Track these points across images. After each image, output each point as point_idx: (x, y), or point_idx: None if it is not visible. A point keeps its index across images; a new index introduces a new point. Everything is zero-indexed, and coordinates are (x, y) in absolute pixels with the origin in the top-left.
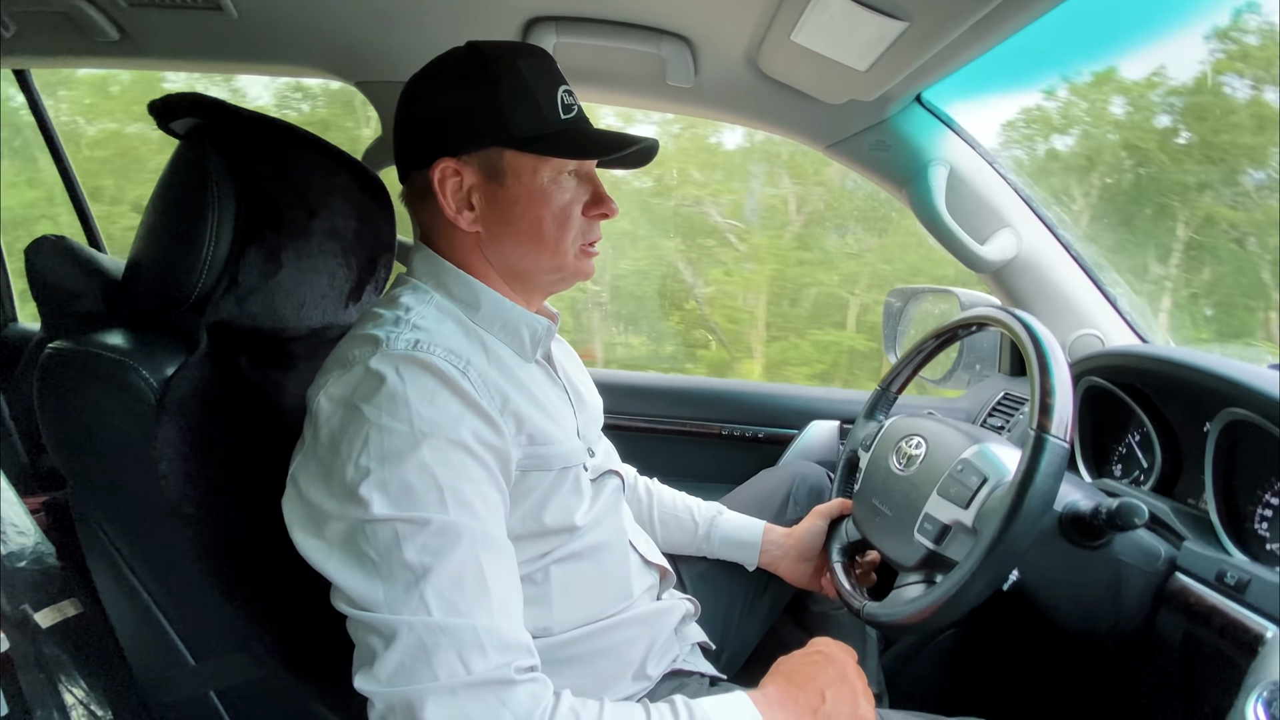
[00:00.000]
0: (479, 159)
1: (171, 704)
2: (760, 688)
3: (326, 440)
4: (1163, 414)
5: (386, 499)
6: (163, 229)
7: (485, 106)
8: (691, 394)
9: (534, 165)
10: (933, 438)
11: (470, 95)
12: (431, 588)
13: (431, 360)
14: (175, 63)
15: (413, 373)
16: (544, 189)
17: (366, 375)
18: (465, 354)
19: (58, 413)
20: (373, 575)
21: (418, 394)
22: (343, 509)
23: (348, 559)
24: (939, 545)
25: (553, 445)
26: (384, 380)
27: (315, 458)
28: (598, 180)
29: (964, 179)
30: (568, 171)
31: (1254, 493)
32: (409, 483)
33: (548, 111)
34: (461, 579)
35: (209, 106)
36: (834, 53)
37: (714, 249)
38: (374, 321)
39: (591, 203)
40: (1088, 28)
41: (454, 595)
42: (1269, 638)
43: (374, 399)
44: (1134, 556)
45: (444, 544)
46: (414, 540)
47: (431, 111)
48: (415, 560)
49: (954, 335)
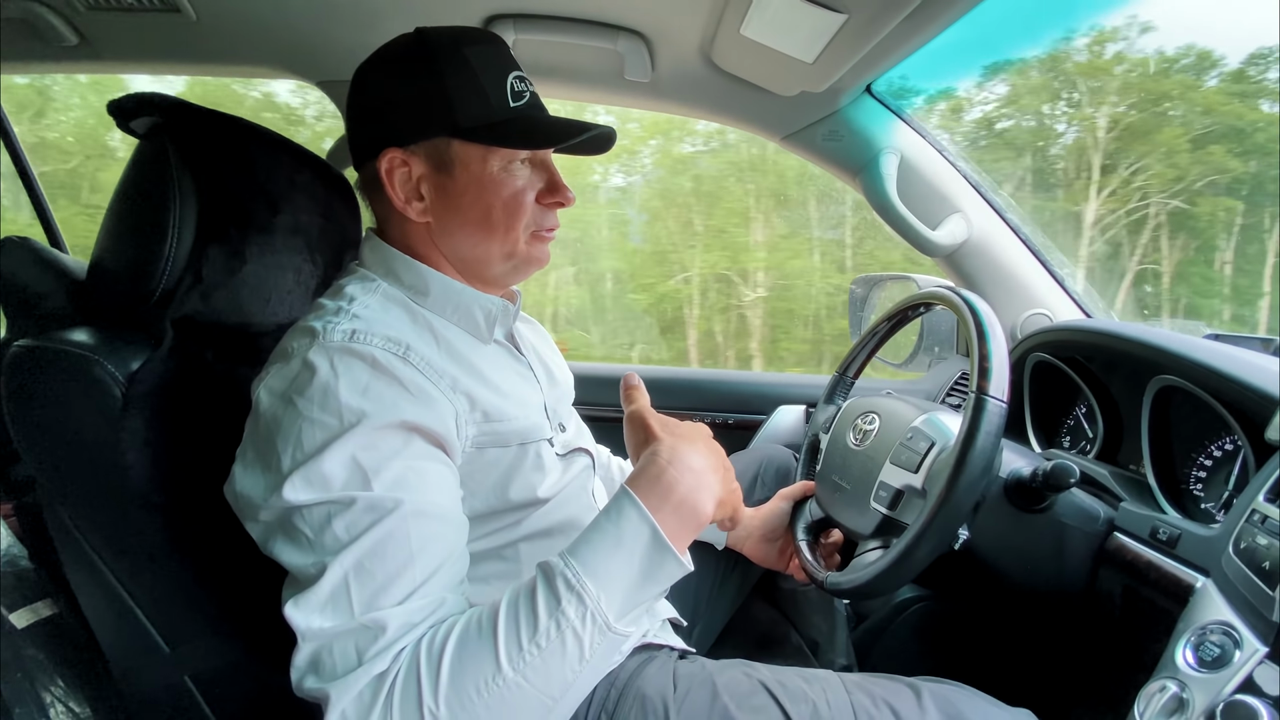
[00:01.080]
0: (426, 149)
1: (148, 692)
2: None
3: (264, 432)
4: (1105, 385)
5: (311, 488)
6: (125, 227)
7: (431, 95)
8: (664, 382)
9: (483, 154)
10: (885, 412)
11: (416, 84)
12: (351, 557)
13: (367, 350)
14: (135, 65)
15: (346, 363)
16: (493, 178)
17: (302, 368)
18: (405, 340)
19: (25, 409)
20: (307, 550)
21: (349, 385)
22: (276, 498)
23: (285, 541)
24: (893, 511)
25: (509, 421)
26: (317, 373)
27: (253, 447)
28: (553, 168)
29: (914, 166)
30: (520, 159)
31: (1189, 455)
32: (332, 473)
33: (496, 99)
34: (384, 550)
35: (169, 106)
36: (782, 45)
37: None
38: (316, 313)
39: (546, 190)
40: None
41: (373, 565)
42: (1198, 588)
43: (306, 392)
44: (1075, 518)
45: (372, 519)
46: (342, 517)
47: (377, 101)
48: (343, 534)
49: (904, 317)
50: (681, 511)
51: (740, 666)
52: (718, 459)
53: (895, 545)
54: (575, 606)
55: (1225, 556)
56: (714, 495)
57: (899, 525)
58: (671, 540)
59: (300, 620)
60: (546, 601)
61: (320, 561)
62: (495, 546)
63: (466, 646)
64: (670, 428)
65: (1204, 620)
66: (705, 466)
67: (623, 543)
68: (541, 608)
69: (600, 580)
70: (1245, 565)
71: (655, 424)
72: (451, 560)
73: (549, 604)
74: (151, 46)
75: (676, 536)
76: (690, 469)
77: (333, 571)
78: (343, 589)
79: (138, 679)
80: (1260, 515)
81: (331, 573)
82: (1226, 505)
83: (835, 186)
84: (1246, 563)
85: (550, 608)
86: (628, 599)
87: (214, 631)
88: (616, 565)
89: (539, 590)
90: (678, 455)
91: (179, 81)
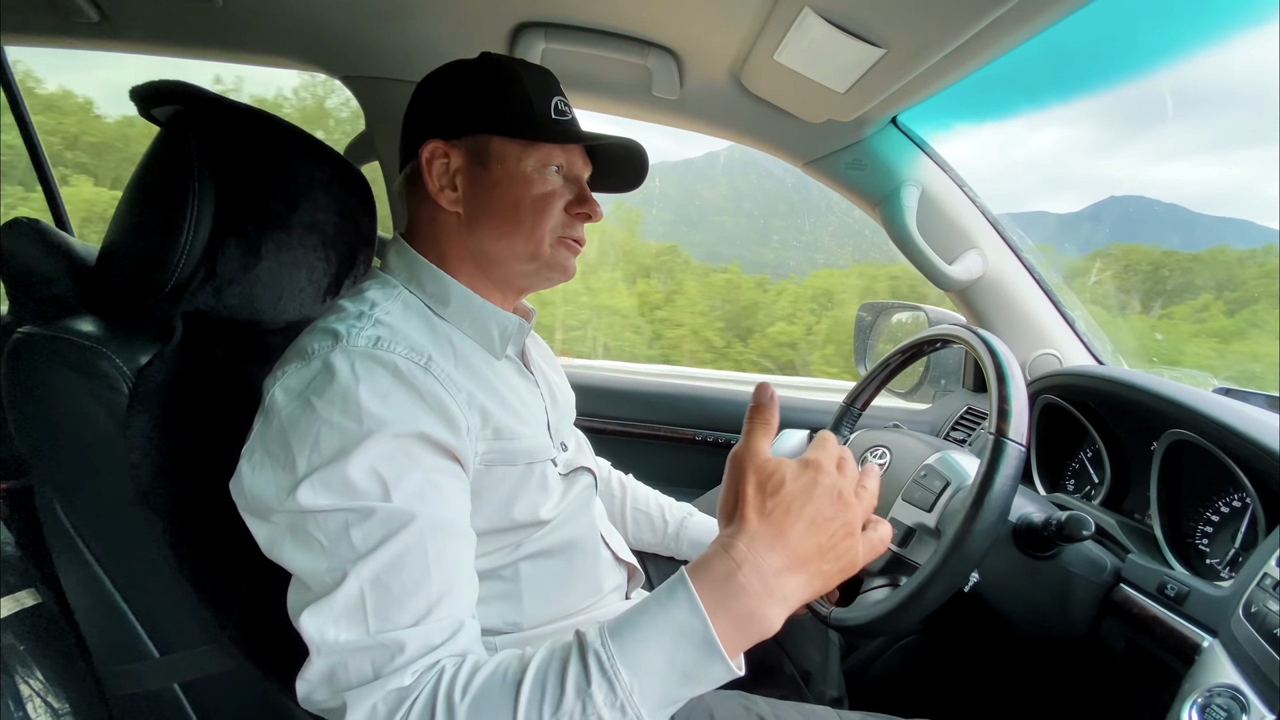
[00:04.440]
0: (467, 143)
1: (134, 696)
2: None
3: (278, 431)
4: (1114, 432)
5: (330, 493)
6: (141, 216)
7: (480, 97)
8: (666, 399)
9: (519, 152)
10: (896, 447)
11: (469, 88)
12: (369, 570)
13: (390, 358)
14: (156, 48)
15: (369, 369)
16: (526, 175)
17: (323, 370)
18: (427, 351)
19: (26, 398)
20: (320, 556)
21: (370, 391)
22: (291, 500)
23: (296, 546)
24: (903, 548)
25: (518, 440)
26: (338, 376)
27: (264, 448)
28: (584, 185)
29: (935, 200)
30: (554, 168)
31: (1196, 510)
32: (352, 479)
33: (540, 109)
34: (402, 564)
35: (194, 96)
36: (815, 74)
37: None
38: (337, 314)
39: (575, 202)
40: (1061, 61)
41: (390, 579)
42: (1205, 647)
43: (326, 394)
44: (1082, 567)
45: (389, 531)
46: (360, 527)
47: (431, 104)
48: (360, 545)
49: (919, 351)
50: (743, 623)
51: (738, 699)
52: (823, 539)
53: (906, 585)
54: (604, 694)
55: (1235, 619)
56: (792, 603)
57: (908, 564)
58: (724, 643)
59: (315, 632)
60: (576, 680)
61: (335, 569)
62: (495, 566)
63: (488, 699)
64: (768, 503)
65: (1211, 682)
66: (789, 564)
67: (667, 635)
68: (570, 685)
69: (636, 670)
70: (1255, 630)
71: (751, 492)
72: (466, 577)
73: (578, 684)
74: (174, 29)
75: (730, 640)
76: (767, 573)
77: (349, 584)
78: (359, 602)
79: (124, 682)
80: (1272, 580)
81: (348, 585)
82: (1232, 563)
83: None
84: (1257, 627)
85: (579, 688)
86: (664, 695)
87: (208, 640)
88: (657, 658)
89: (570, 665)
90: (756, 551)
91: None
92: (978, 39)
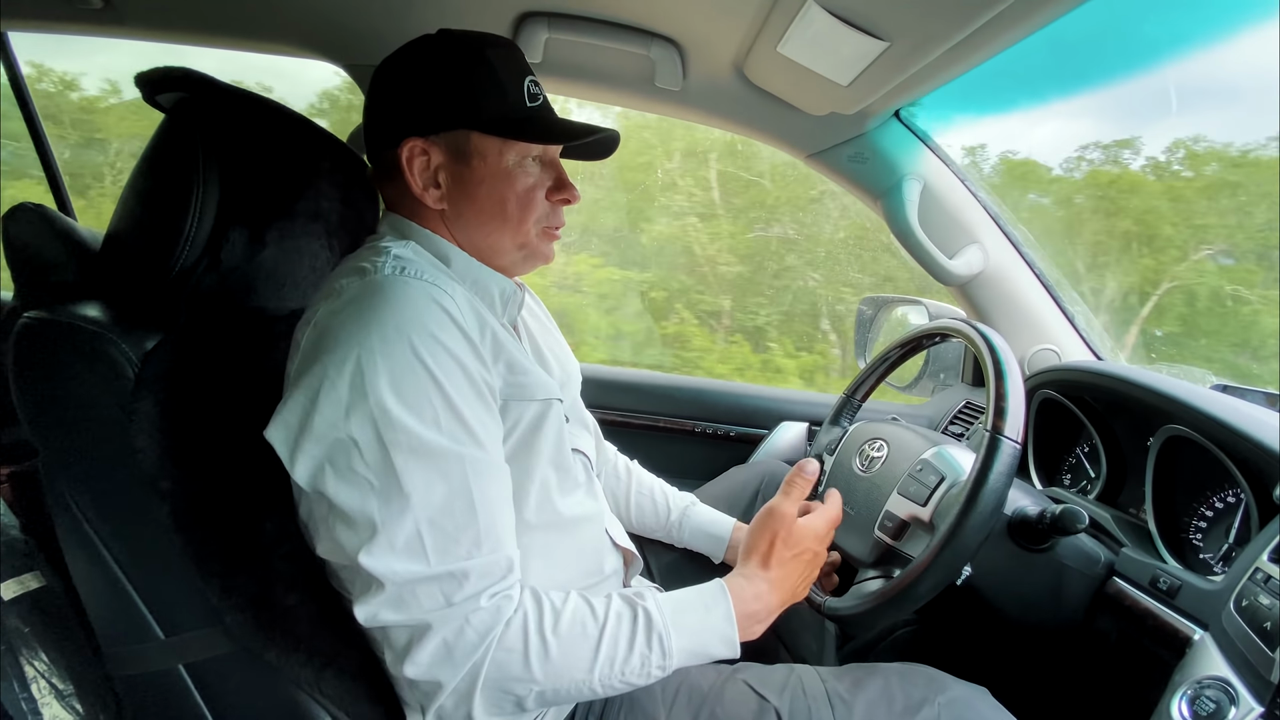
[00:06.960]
0: (446, 140)
1: (139, 677)
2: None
3: (317, 362)
4: (1110, 427)
5: (375, 424)
6: (146, 202)
7: (454, 90)
8: (668, 391)
9: (499, 148)
10: (894, 440)
11: (440, 78)
12: (421, 503)
13: (420, 284)
14: (159, 34)
15: (402, 291)
16: (508, 171)
17: (359, 293)
18: (445, 287)
19: (32, 383)
20: (369, 493)
21: (409, 310)
22: (337, 428)
23: (339, 480)
24: (898, 541)
25: (530, 375)
26: (375, 296)
27: (305, 385)
28: (560, 167)
29: (937, 194)
30: (532, 157)
31: (1190, 505)
32: (397, 409)
33: (514, 99)
34: (453, 499)
35: (200, 82)
36: (818, 66)
37: None
38: (355, 260)
39: (554, 188)
40: (1064, 56)
41: (444, 517)
42: (1196, 640)
43: (363, 317)
44: (1075, 560)
45: (442, 467)
46: (410, 461)
47: (401, 93)
48: (413, 480)
49: (918, 345)
50: (744, 626)
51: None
52: (807, 574)
53: (898, 577)
54: (658, 662)
55: (1226, 612)
56: (765, 625)
57: (902, 556)
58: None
59: (378, 566)
60: (641, 651)
61: (386, 505)
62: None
63: (575, 643)
64: (787, 554)
65: (1201, 674)
66: (785, 597)
67: (705, 633)
68: (636, 653)
69: (679, 652)
70: (1246, 623)
71: (780, 545)
72: (508, 512)
73: (643, 653)
74: (178, 15)
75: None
76: (772, 602)
77: (405, 520)
78: (417, 538)
79: (129, 663)
80: (1264, 574)
81: (405, 522)
82: (1225, 557)
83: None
84: (1247, 621)
85: (644, 657)
86: (681, 665)
87: (213, 622)
88: (693, 644)
89: (639, 633)
90: (771, 588)
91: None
92: (981, 33)
